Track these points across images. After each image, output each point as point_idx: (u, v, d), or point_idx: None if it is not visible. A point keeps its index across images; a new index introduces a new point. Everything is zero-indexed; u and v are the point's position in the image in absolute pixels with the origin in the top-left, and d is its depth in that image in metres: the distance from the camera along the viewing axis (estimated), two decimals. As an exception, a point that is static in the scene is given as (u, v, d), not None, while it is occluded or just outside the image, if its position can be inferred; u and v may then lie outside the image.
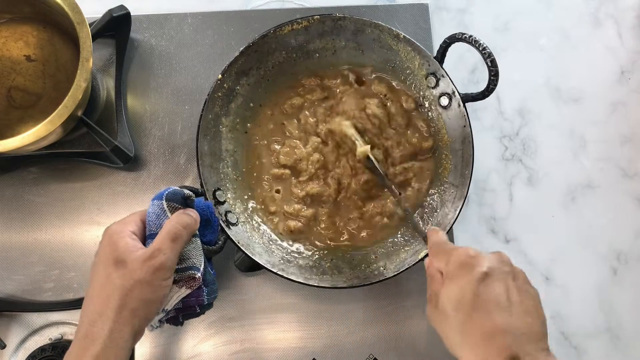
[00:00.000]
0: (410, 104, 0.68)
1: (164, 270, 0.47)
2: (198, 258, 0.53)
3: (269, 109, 0.69)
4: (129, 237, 0.49)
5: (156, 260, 0.47)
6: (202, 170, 0.61)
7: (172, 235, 0.49)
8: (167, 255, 0.48)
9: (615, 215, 0.73)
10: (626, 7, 0.79)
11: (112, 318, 0.45)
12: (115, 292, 0.46)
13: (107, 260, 0.47)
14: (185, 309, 0.53)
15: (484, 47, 0.57)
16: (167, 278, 0.48)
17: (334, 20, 0.65)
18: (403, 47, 0.65)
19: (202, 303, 0.53)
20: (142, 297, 0.46)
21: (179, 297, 0.51)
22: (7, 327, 0.66)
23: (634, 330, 0.70)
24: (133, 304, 0.46)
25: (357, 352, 0.67)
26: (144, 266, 0.46)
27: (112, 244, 0.48)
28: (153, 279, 0.47)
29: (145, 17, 0.74)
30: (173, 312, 0.53)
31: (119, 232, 0.49)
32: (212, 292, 0.55)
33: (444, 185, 0.65)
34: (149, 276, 0.46)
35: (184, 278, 0.51)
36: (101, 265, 0.48)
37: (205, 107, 0.62)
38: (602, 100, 0.76)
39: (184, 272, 0.51)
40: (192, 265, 0.52)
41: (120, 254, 0.47)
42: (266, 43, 0.65)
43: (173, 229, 0.49)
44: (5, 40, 0.67)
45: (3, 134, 0.63)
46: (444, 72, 0.63)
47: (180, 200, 0.53)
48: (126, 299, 0.46)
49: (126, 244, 0.48)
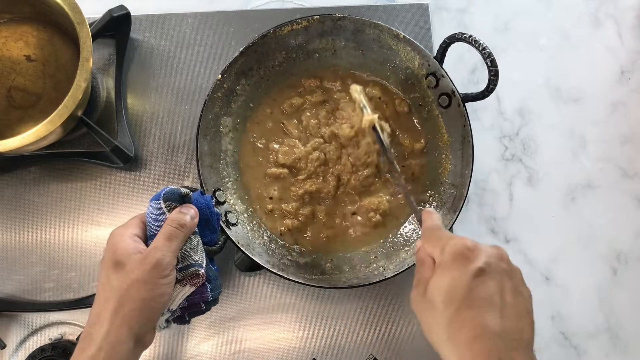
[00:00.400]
0: (404, 108, 0.68)
1: (160, 268, 0.47)
2: (200, 255, 0.53)
3: (268, 108, 0.69)
4: (130, 238, 0.49)
5: (152, 257, 0.47)
6: (202, 171, 0.61)
7: (167, 235, 0.49)
8: (163, 252, 0.48)
9: (615, 215, 0.73)
10: (626, 7, 0.79)
11: (108, 319, 0.45)
12: (113, 293, 0.46)
13: (107, 264, 0.48)
14: (191, 306, 0.53)
15: (484, 47, 0.57)
16: (165, 276, 0.48)
17: (334, 21, 0.65)
18: (403, 47, 0.65)
19: (207, 299, 0.53)
20: (140, 297, 0.46)
21: (184, 295, 0.52)
22: (7, 327, 0.66)
23: (634, 330, 0.70)
24: (131, 304, 0.46)
25: (357, 352, 0.67)
26: (141, 265, 0.47)
27: (112, 247, 0.48)
28: (150, 277, 0.47)
29: (145, 17, 0.74)
30: (179, 312, 0.53)
31: (120, 235, 0.49)
32: (216, 288, 0.55)
33: (444, 186, 0.65)
34: (146, 275, 0.47)
35: (187, 276, 0.51)
36: (103, 269, 0.49)
37: (205, 107, 0.62)
38: (602, 100, 0.76)
39: (187, 269, 0.51)
40: (195, 262, 0.52)
41: (118, 256, 0.48)
42: (266, 43, 0.65)
43: (167, 229, 0.50)
44: (5, 40, 0.67)
45: (3, 134, 0.63)
46: (443, 72, 0.63)
47: (177, 199, 0.53)
48: (123, 300, 0.46)
49: (126, 246, 0.48)
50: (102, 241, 0.68)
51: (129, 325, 0.46)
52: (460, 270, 0.42)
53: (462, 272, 0.41)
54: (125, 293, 0.46)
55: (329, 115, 0.69)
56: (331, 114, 0.69)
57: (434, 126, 0.67)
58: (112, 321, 0.45)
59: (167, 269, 0.48)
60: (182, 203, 0.54)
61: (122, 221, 0.68)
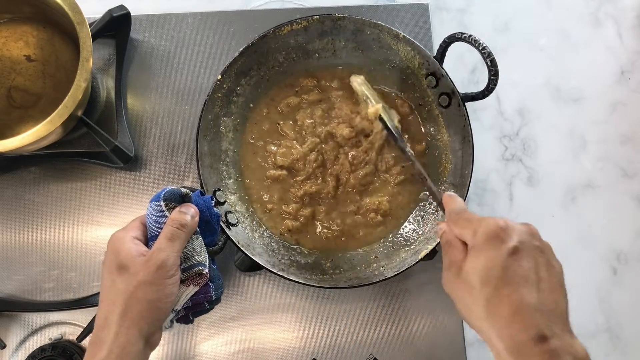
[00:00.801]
0: (405, 109, 0.68)
1: (165, 269, 0.47)
2: (202, 254, 0.53)
3: (266, 108, 0.69)
4: (131, 242, 0.49)
5: (156, 258, 0.47)
6: (202, 171, 0.61)
7: (169, 235, 0.49)
8: (167, 252, 0.48)
9: (615, 215, 0.73)
10: (626, 7, 0.79)
11: (116, 322, 0.45)
12: (119, 296, 0.46)
13: (111, 267, 0.48)
14: (195, 306, 0.53)
15: (484, 46, 0.57)
16: (170, 276, 0.48)
17: (334, 21, 0.65)
18: (403, 46, 0.65)
19: (211, 299, 0.53)
20: (147, 298, 0.46)
21: (188, 295, 0.52)
22: (7, 327, 0.66)
23: (634, 330, 0.70)
24: (138, 306, 0.46)
25: (357, 352, 0.67)
26: (146, 267, 0.47)
27: (114, 251, 0.48)
28: (156, 278, 0.47)
29: (145, 17, 0.74)
30: (183, 312, 0.53)
31: (121, 238, 0.49)
32: (218, 287, 0.55)
33: (444, 185, 0.65)
34: (151, 276, 0.47)
35: (190, 276, 0.51)
36: (106, 272, 0.49)
37: (204, 108, 0.62)
38: (602, 100, 0.76)
39: (190, 269, 0.51)
40: (198, 262, 0.52)
41: (122, 259, 0.48)
42: (266, 43, 0.65)
43: (168, 230, 0.50)
44: (5, 40, 0.67)
45: (3, 134, 0.63)
46: (443, 72, 0.63)
47: (177, 199, 0.53)
48: (130, 302, 0.46)
49: (128, 249, 0.48)
50: (102, 241, 0.68)
51: (138, 327, 0.46)
52: (495, 251, 0.43)
53: (497, 252, 0.43)
54: (131, 295, 0.46)
55: (324, 114, 0.68)
56: (327, 112, 0.68)
57: (434, 126, 0.67)
58: (121, 324, 0.45)
59: (171, 269, 0.48)
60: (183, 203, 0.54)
61: (122, 221, 0.69)
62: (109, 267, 0.48)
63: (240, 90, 0.66)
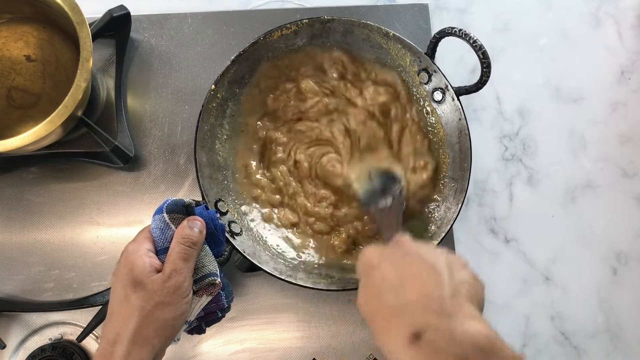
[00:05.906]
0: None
1: (182, 289, 0.48)
2: (212, 264, 0.52)
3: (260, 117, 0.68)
4: (146, 255, 0.49)
5: (175, 280, 0.47)
6: (202, 182, 0.61)
7: (183, 256, 0.49)
8: (184, 275, 0.48)
9: (615, 215, 0.73)
10: (626, 7, 0.79)
11: (129, 339, 0.46)
12: (135, 313, 0.46)
13: (125, 281, 0.48)
14: (207, 315, 0.53)
15: (475, 39, 0.57)
16: (186, 296, 0.49)
17: (323, 23, 0.65)
18: (393, 45, 0.65)
19: (223, 307, 0.54)
20: (164, 317, 0.47)
21: (201, 306, 0.52)
22: (7, 327, 0.66)
23: (634, 330, 0.70)
24: (155, 324, 0.47)
25: (357, 352, 0.67)
26: (164, 288, 0.47)
27: (129, 264, 0.48)
28: (173, 300, 0.47)
29: (145, 17, 0.74)
30: (196, 322, 0.53)
31: (136, 251, 0.49)
32: (229, 295, 0.55)
33: (444, 180, 0.65)
34: (169, 297, 0.47)
35: (203, 286, 0.51)
36: (119, 285, 0.48)
37: (200, 119, 0.62)
38: (602, 100, 0.76)
39: (202, 280, 0.51)
40: (209, 272, 0.51)
41: (137, 274, 0.47)
42: (257, 50, 0.64)
43: (181, 250, 0.49)
44: (5, 40, 0.67)
45: (3, 134, 0.63)
46: (435, 67, 0.63)
47: (181, 210, 0.52)
48: (146, 320, 0.46)
49: (143, 263, 0.48)
50: (102, 241, 0.68)
51: (152, 344, 0.46)
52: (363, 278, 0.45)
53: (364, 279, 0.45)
54: (148, 314, 0.46)
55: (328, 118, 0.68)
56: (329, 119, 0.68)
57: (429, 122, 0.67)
58: (135, 341, 0.46)
59: (187, 290, 0.49)
60: (186, 213, 0.53)
61: (122, 221, 0.69)
62: (122, 280, 0.48)
63: (234, 98, 0.66)
